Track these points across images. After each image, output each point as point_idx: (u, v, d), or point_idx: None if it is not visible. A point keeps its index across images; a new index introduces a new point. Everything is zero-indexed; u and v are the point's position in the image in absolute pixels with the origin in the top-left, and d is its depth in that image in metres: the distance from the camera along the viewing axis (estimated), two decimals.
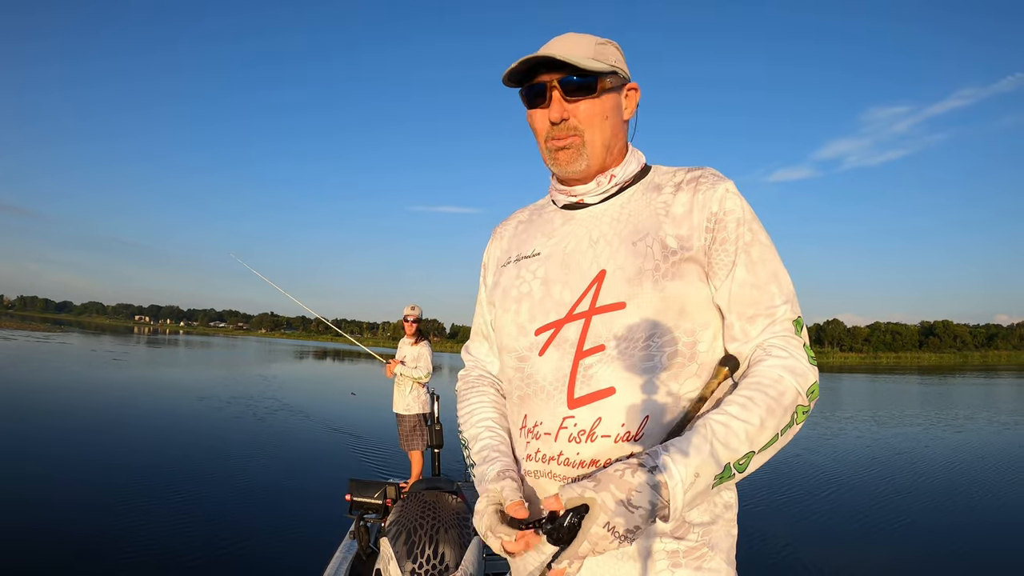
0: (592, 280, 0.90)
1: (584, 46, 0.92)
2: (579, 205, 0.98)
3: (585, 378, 0.86)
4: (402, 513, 1.85)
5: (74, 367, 17.65)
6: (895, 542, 4.84)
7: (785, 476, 7.02)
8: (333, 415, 11.24)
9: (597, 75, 0.91)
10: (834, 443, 9.89)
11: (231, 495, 5.37)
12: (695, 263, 0.88)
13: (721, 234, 0.88)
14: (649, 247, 0.88)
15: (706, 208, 0.89)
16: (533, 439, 0.90)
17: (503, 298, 0.99)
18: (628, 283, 0.87)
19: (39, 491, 5.10)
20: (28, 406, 9.50)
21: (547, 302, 0.92)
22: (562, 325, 0.90)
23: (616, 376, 0.85)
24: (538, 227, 1.02)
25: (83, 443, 7.17)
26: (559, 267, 0.94)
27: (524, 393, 0.92)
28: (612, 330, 0.86)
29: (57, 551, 3.78)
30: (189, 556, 3.85)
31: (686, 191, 0.91)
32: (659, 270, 0.87)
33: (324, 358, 37.82)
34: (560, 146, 0.93)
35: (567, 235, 0.96)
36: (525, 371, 0.92)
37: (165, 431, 8.32)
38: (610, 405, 0.85)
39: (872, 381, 32.36)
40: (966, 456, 8.91)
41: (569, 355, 0.88)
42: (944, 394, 22.85)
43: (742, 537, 0.96)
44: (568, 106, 0.91)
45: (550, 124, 0.93)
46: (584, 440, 0.85)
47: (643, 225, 0.91)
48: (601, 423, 0.85)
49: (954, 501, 6.23)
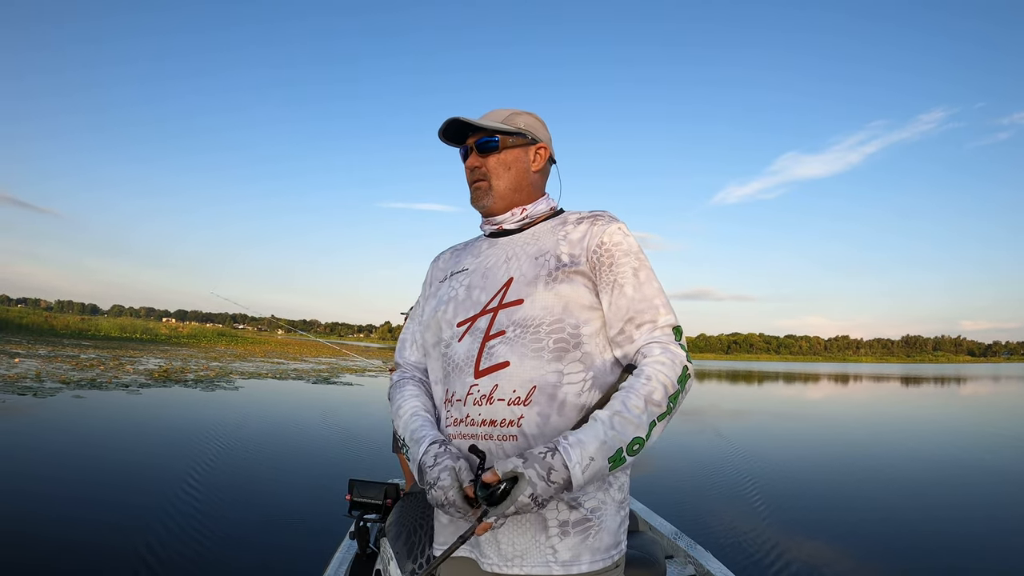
0: (502, 285, 1.16)
1: (499, 115, 1.25)
2: (500, 232, 1.26)
3: (488, 355, 1.10)
4: (402, 513, 1.84)
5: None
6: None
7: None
8: (333, 415, 11.22)
9: (501, 136, 1.22)
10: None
11: (230, 494, 5.35)
12: (582, 275, 1.13)
13: (609, 260, 1.14)
14: (547, 260, 1.15)
15: (597, 237, 1.15)
16: (450, 407, 1.14)
17: (436, 303, 1.25)
18: (527, 285, 1.13)
19: (37, 492, 5.07)
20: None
21: (467, 302, 1.18)
22: (477, 318, 1.15)
23: (511, 353, 1.09)
24: (469, 251, 1.30)
25: (63, 441, 7.13)
26: (480, 277, 1.21)
27: (446, 372, 1.17)
28: (512, 319, 1.11)
29: (50, 552, 3.76)
30: (188, 556, 3.84)
31: (585, 224, 1.19)
32: (551, 276, 1.12)
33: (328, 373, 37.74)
34: (476, 187, 1.25)
35: (489, 255, 1.24)
36: (448, 355, 1.17)
37: (165, 431, 8.30)
38: (505, 375, 1.08)
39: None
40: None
41: (479, 339, 1.13)
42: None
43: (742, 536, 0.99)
44: (480, 159, 1.23)
45: (469, 171, 1.25)
46: (484, 403, 1.09)
47: (545, 246, 1.18)
48: (497, 389, 1.08)
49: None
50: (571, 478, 0.96)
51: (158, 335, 47.08)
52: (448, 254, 1.36)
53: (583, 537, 1.06)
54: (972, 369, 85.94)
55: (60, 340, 33.21)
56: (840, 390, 28.64)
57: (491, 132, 1.22)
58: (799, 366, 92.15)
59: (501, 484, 0.95)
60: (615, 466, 0.99)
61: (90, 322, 49.02)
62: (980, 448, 10.07)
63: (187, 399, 12.32)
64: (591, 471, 0.97)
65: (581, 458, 0.96)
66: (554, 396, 1.06)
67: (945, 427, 13.55)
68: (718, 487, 6.46)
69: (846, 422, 14.12)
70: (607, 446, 0.98)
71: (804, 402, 20.95)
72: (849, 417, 15.56)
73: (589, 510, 1.07)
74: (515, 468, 0.95)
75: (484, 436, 1.08)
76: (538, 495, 0.95)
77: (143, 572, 3.55)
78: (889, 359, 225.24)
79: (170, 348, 34.27)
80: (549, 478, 0.95)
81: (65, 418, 8.80)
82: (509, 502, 0.95)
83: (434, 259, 1.38)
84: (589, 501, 1.07)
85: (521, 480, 0.95)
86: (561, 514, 1.06)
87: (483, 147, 1.22)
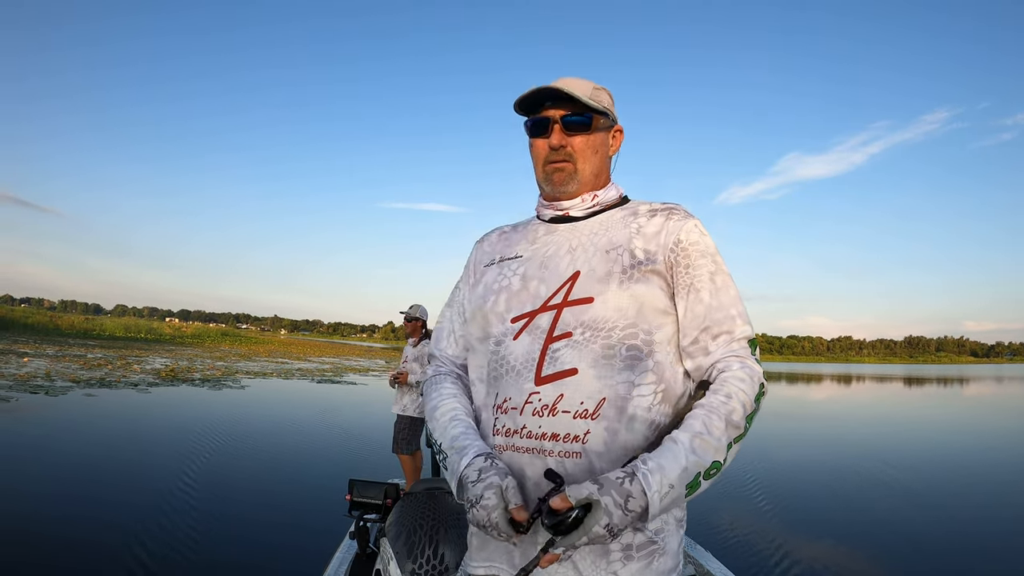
0: (567, 279, 1.03)
1: (583, 88, 1.08)
2: (564, 219, 1.12)
3: (552, 360, 0.98)
4: (402, 513, 1.85)
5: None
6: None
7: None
8: (334, 415, 11.25)
9: (592, 115, 1.08)
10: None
11: (230, 494, 5.37)
12: (658, 275, 1.01)
13: (686, 260, 1.02)
14: (620, 255, 1.03)
15: (674, 234, 1.04)
16: (501, 414, 1.01)
17: (484, 292, 1.11)
18: (598, 282, 1.01)
19: (35, 493, 5.10)
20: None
21: (523, 295, 1.05)
22: (536, 315, 1.02)
23: (579, 359, 0.97)
24: (522, 235, 1.16)
25: (65, 440, 7.17)
26: (538, 267, 1.08)
27: (497, 374, 1.04)
28: (580, 319, 0.99)
29: (49, 552, 3.78)
30: (187, 556, 3.85)
31: (660, 217, 1.06)
32: (626, 273, 1.00)
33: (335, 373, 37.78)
34: (556, 168, 1.09)
35: (549, 243, 1.11)
36: (499, 354, 1.04)
37: (166, 430, 8.33)
38: (572, 384, 0.96)
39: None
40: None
41: (540, 340, 1.00)
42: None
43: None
44: (565, 137, 1.08)
45: (549, 149, 1.09)
46: (546, 414, 0.96)
47: (617, 239, 1.05)
48: (563, 399, 0.96)
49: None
50: (648, 507, 0.85)
51: (162, 335, 47.24)
52: (495, 236, 1.22)
53: (647, 562, 0.95)
54: (974, 370, 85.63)
55: (66, 340, 33.36)
56: (843, 391, 28.55)
57: (583, 109, 1.07)
58: (802, 366, 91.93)
59: (572, 511, 0.84)
60: (691, 493, 0.89)
61: (94, 322, 49.23)
62: (983, 447, 10.04)
63: (195, 398, 12.38)
64: (668, 499, 0.87)
65: (660, 486, 0.86)
66: (623, 410, 0.95)
67: (946, 427, 13.50)
68: (719, 487, 6.43)
69: (849, 422, 14.08)
70: (687, 472, 0.87)
71: (807, 402, 20.90)
72: (852, 418, 15.52)
73: (654, 532, 0.96)
74: (590, 495, 0.84)
75: (541, 451, 0.96)
76: (614, 525, 0.83)
77: (144, 572, 3.57)
78: (892, 360, 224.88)
79: (175, 348, 34.39)
80: (627, 507, 0.84)
81: (78, 416, 8.84)
82: (581, 532, 0.83)
83: (479, 240, 1.25)
84: (654, 523, 0.96)
85: (596, 508, 0.83)
86: (625, 537, 0.94)
87: (572, 125, 1.07)
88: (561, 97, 1.06)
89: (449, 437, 1.03)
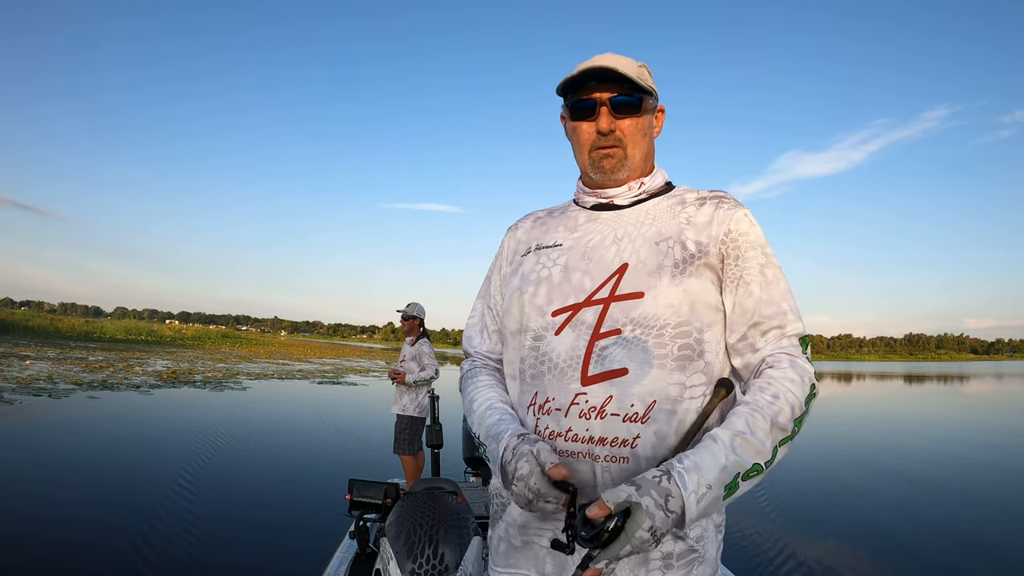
0: (614, 272, 0.95)
1: (631, 66, 1.00)
2: (608, 206, 1.04)
3: (600, 358, 0.90)
4: (402, 513, 1.85)
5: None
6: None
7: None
8: (334, 414, 11.25)
9: (642, 95, 1.00)
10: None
11: (230, 494, 5.37)
12: (710, 269, 0.94)
13: (735, 252, 0.95)
14: (671, 248, 0.95)
15: (725, 224, 0.96)
16: (543, 415, 0.93)
17: (521, 282, 1.03)
18: (648, 276, 0.93)
19: (35, 494, 5.10)
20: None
21: (565, 287, 0.97)
22: (580, 309, 0.94)
23: (630, 358, 0.89)
24: (560, 222, 1.08)
25: (65, 444, 7.17)
26: (580, 258, 0.99)
27: (537, 371, 0.96)
28: (629, 316, 0.91)
29: (51, 553, 3.78)
30: (186, 556, 3.86)
31: (709, 206, 0.99)
32: (678, 267, 0.93)
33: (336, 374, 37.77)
34: (606, 154, 1.01)
35: (591, 231, 1.02)
36: (540, 350, 0.96)
37: (167, 431, 8.33)
38: (622, 385, 0.89)
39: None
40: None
41: (585, 336, 0.92)
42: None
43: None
44: (615, 121, 0.99)
45: (597, 134, 1.00)
46: (594, 416, 0.89)
47: (666, 229, 0.97)
48: (612, 401, 0.89)
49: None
50: (685, 508, 0.78)
51: (163, 337, 47.25)
52: (529, 223, 1.14)
53: (687, 571, 0.89)
54: (975, 367, 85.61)
55: (67, 342, 33.35)
56: (843, 389, 28.55)
57: (631, 89, 0.98)
58: None
59: (611, 519, 0.76)
60: (729, 495, 0.83)
61: (95, 324, 49.25)
62: (984, 444, 10.04)
63: (197, 399, 12.38)
64: (706, 502, 0.80)
65: (697, 487, 0.79)
66: (674, 412, 0.89)
67: (947, 426, 13.51)
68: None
69: (850, 420, 14.08)
70: (726, 472, 0.81)
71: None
72: (853, 415, 15.51)
73: (695, 539, 0.90)
74: (629, 497, 0.76)
75: (587, 455, 0.89)
76: (657, 528, 0.76)
77: (145, 572, 3.57)
78: (892, 357, 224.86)
79: (175, 350, 34.37)
80: (667, 507, 0.77)
81: (81, 418, 8.84)
82: (624, 540, 0.76)
83: (511, 227, 1.16)
84: (694, 529, 0.90)
85: (637, 511, 0.76)
86: (665, 545, 0.88)
87: (622, 107, 0.99)
88: (607, 77, 0.98)
89: (486, 427, 0.97)
